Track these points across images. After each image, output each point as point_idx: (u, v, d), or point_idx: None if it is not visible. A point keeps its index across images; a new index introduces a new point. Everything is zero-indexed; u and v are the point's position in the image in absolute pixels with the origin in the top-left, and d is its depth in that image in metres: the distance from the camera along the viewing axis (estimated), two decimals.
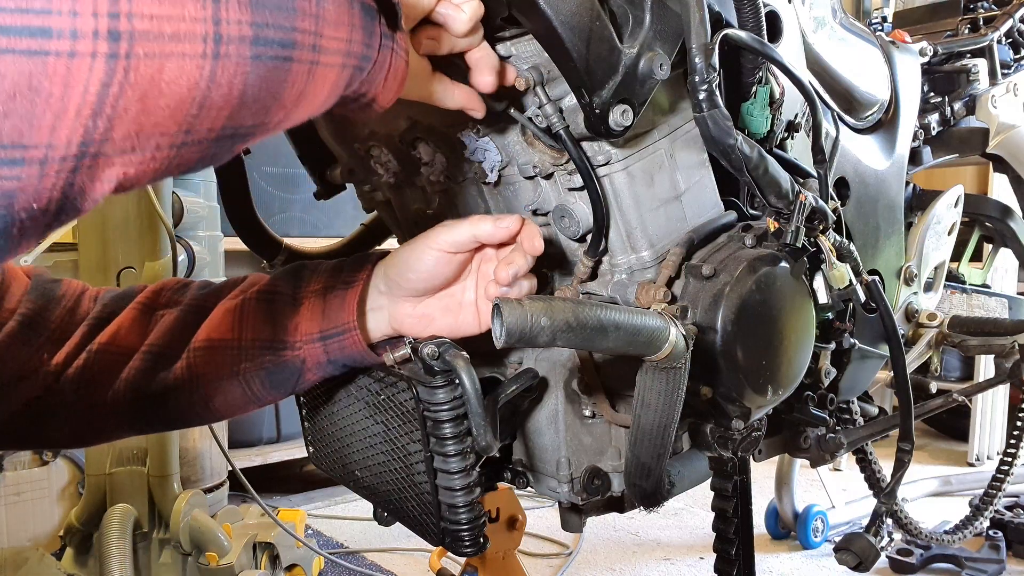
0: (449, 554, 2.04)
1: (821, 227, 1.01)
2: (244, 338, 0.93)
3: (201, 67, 0.48)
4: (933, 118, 1.59)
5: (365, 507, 1.22)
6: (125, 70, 0.44)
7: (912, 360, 1.52)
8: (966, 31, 1.79)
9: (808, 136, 1.12)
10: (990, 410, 3.60)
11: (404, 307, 0.93)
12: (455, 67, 0.82)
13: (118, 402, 0.92)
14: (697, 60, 0.85)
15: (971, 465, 3.57)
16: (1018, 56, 1.77)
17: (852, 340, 1.20)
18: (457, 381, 0.88)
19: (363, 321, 0.93)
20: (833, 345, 1.19)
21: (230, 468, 2.43)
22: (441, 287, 0.93)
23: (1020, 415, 1.77)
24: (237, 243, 1.40)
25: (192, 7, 0.47)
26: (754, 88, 1.02)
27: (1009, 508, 2.62)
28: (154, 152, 0.49)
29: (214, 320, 0.95)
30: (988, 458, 3.57)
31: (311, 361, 0.93)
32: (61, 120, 0.43)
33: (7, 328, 0.89)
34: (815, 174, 1.06)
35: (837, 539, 1.85)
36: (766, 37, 1.01)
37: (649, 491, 0.96)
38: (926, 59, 1.55)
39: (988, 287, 1.89)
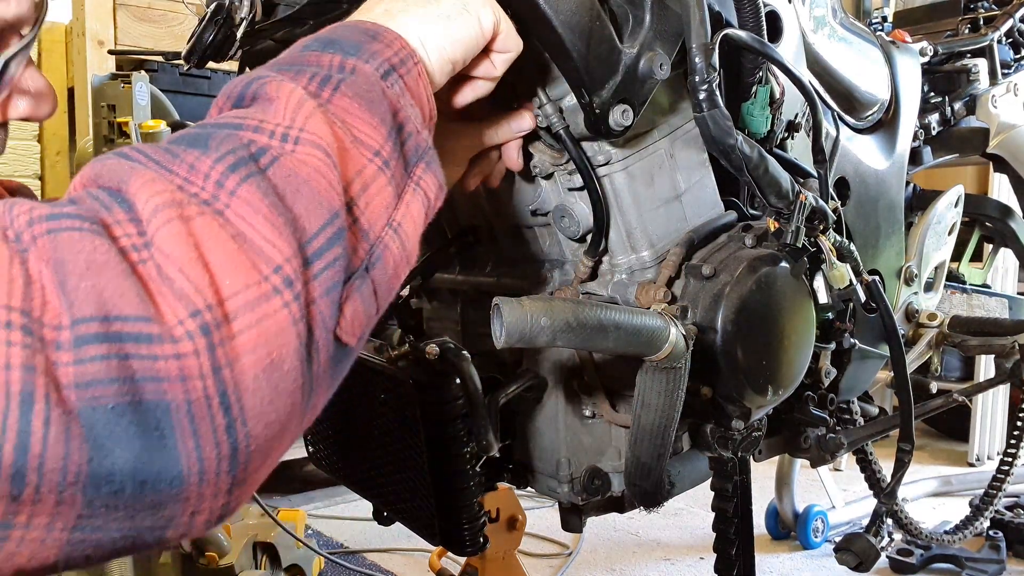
0: (449, 554, 2.04)
1: (821, 227, 1.01)
2: None
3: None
4: (933, 118, 1.58)
5: (365, 507, 1.22)
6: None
7: (912, 360, 1.52)
8: (966, 31, 1.79)
9: (808, 136, 1.12)
10: (990, 410, 3.59)
11: None
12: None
13: None
14: (697, 60, 0.85)
15: (971, 465, 3.57)
16: (1018, 56, 1.77)
17: (852, 340, 1.20)
18: (458, 380, 0.89)
19: None
20: (833, 345, 1.19)
21: None
22: None
23: (1020, 415, 1.77)
24: None
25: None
26: (754, 88, 1.02)
27: (1009, 508, 2.62)
28: None
29: None
30: (988, 458, 3.56)
31: None
32: None
33: None
34: (815, 174, 1.06)
35: (837, 539, 1.85)
36: (766, 37, 1.01)
37: (649, 491, 0.96)
38: (926, 59, 1.55)
39: (988, 287, 1.88)
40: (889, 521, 1.94)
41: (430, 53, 0.67)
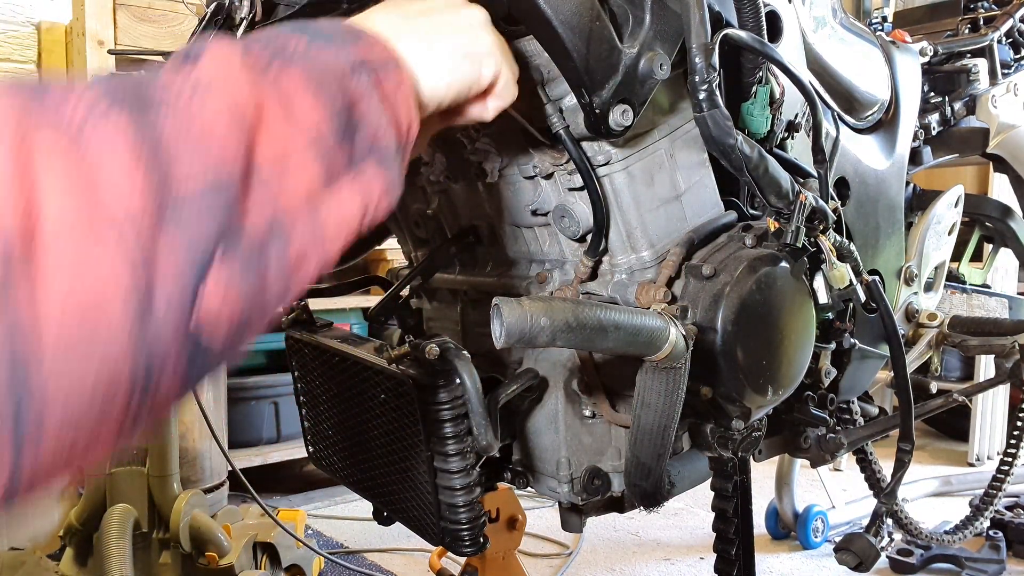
0: (449, 554, 2.04)
1: (821, 227, 1.01)
2: None
3: None
4: (933, 118, 1.58)
5: (365, 507, 1.22)
6: None
7: (912, 360, 1.52)
8: (966, 31, 1.79)
9: (808, 136, 1.12)
10: (990, 410, 3.59)
11: None
12: None
13: None
14: (697, 60, 0.85)
15: (971, 465, 3.57)
16: (1018, 56, 1.77)
17: (852, 340, 1.20)
18: (458, 380, 0.88)
19: None
20: (833, 345, 1.19)
21: (230, 468, 2.43)
22: None
23: (1020, 415, 1.77)
24: None
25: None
26: (754, 88, 1.02)
27: (1009, 508, 2.62)
28: None
29: None
30: (988, 458, 3.56)
31: None
32: None
33: None
34: (815, 174, 1.06)
35: (837, 539, 1.85)
36: (766, 37, 1.01)
37: (649, 491, 0.96)
38: (926, 59, 1.55)
39: (988, 287, 1.88)
40: (889, 521, 1.94)
41: (422, 80, 0.65)
